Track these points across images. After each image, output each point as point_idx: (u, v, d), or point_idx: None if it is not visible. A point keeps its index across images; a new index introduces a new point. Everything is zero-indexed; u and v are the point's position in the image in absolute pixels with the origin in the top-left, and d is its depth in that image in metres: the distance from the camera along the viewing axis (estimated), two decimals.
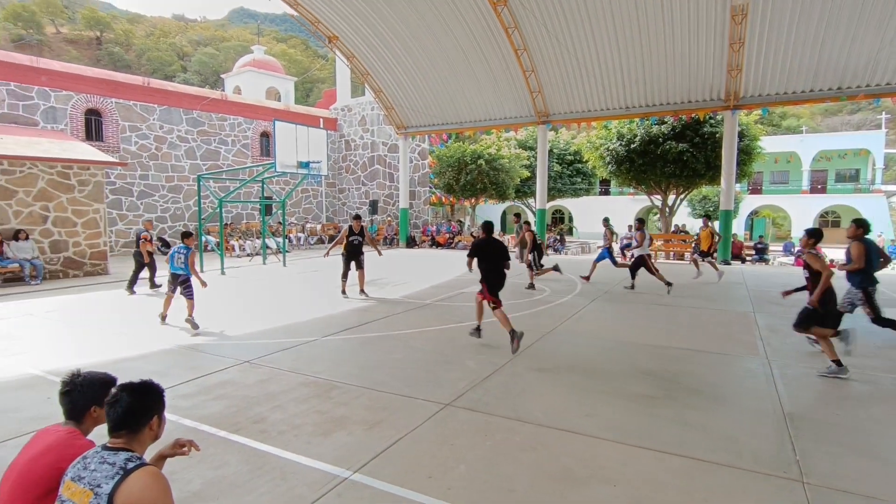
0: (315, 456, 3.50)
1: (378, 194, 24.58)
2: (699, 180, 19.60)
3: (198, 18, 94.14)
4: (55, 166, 11.99)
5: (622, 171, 20.34)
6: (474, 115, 19.69)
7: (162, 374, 5.16)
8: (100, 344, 6.47)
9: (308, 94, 59.24)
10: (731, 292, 10.55)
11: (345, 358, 5.90)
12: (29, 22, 55.25)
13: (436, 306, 8.92)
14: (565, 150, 31.38)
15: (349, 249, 9.71)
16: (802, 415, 4.26)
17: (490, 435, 3.85)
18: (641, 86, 15.97)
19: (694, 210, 31.29)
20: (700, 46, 14.28)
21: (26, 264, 11.17)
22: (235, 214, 21.57)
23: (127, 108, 17.93)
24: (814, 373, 5.35)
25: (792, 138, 39.82)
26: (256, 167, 18.11)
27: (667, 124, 18.75)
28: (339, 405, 4.42)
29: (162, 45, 65.30)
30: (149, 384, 2.00)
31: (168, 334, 6.92)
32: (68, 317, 8.07)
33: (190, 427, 3.96)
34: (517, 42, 15.76)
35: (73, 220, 12.35)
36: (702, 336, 6.88)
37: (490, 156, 24.52)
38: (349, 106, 25.23)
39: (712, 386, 4.94)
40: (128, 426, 1.88)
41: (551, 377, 5.20)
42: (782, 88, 14.63)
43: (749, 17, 13.13)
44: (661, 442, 3.73)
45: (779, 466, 3.39)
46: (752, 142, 19.41)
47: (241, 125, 21.56)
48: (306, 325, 7.52)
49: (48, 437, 2.05)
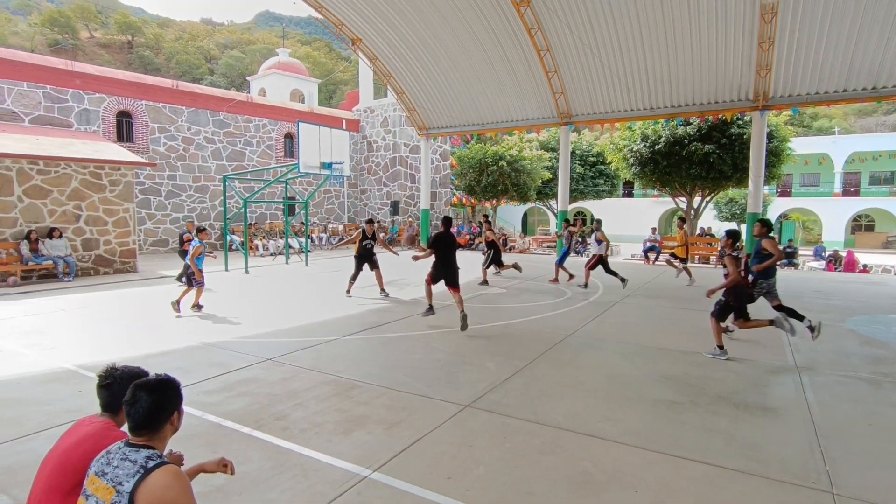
0: (336, 454, 3.54)
1: (399, 195, 24.70)
2: (726, 182, 19.19)
3: (225, 22, 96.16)
4: (88, 166, 12.37)
5: (646, 172, 20.04)
6: (496, 117, 19.64)
7: (186, 371, 5.28)
8: (128, 340, 6.65)
9: (331, 95, 59.92)
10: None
11: (365, 357, 5.94)
12: (64, 27, 57.15)
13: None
14: (588, 152, 31.06)
15: (361, 253, 9.90)
16: (833, 423, 4.14)
17: (509, 437, 3.83)
18: (667, 86, 15.71)
19: (720, 213, 30.67)
20: (728, 46, 13.98)
21: (60, 262, 11.55)
22: (259, 214, 21.92)
23: (156, 109, 18.39)
24: (845, 381, 5.19)
25: (824, 139, 38.71)
26: (280, 168, 18.38)
27: (693, 125, 18.41)
28: (360, 404, 4.46)
29: (190, 49, 66.85)
30: (165, 380, 1.97)
31: (192, 331, 7.07)
32: (99, 313, 8.32)
33: (214, 423, 4.04)
34: (540, 43, 15.67)
35: (105, 219, 12.72)
36: (728, 341, 6.73)
37: (512, 157, 24.42)
38: (371, 107, 25.42)
39: (738, 393, 4.83)
40: (149, 426, 1.87)
41: (572, 380, 5.15)
42: (814, 88, 14.22)
43: (779, 16, 12.80)
44: (684, 448, 3.67)
45: (808, 476, 3.30)
46: (781, 143, 18.93)
47: (265, 126, 21.91)
48: (327, 324, 7.60)
49: (84, 428, 2.12)
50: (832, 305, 9.34)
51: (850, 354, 6.17)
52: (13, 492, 3.05)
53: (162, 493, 1.72)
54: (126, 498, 1.70)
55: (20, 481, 3.13)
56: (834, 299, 10.02)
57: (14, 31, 54.30)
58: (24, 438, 3.77)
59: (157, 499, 1.71)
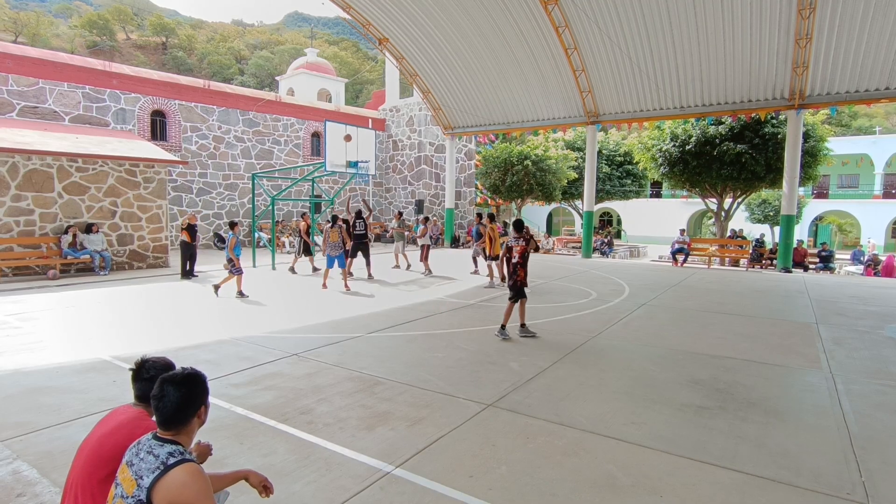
0: (359, 449, 3.58)
1: (424, 194, 24.78)
2: (758, 183, 18.66)
3: (255, 23, 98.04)
4: (123, 164, 12.78)
5: (675, 173, 19.64)
6: (522, 116, 19.53)
7: (215, 364, 5.41)
8: (160, 332, 6.84)
9: (358, 95, 60.46)
10: (792, 302, 10.00)
11: (389, 354, 5.98)
12: (103, 29, 59.05)
13: (480, 307, 8.91)
14: (615, 151, 30.58)
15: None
16: (870, 434, 3.99)
17: (532, 438, 3.81)
18: (698, 85, 15.37)
19: (752, 215, 29.85)
20: (763, 43, 13.60)
21: (96, 256, 11.96)
22: (286, 212, 22.28)
23: (188, 109, 18.86)
24: (884, 389, 5.00)
25: (863, 139, 37.24)
26: (307, 166, 18.65)
27: (724, 125, 17.96)
28: (383, 401, 4.50)
29: (221, 49, 68.30)
30: (192, 374, 1.96)
31: (222, 325, 7.23)
32: (133, 306, 8.59)
33: (241, 415, 4.13)
34: (567, 41, 15.52)
35: (139, 216, 13.12)
36: (759, 346, 6.55)
37: (537, 157, 24.23)
38: (397, 107, 25.57)
39: (769, 399, 4.70)
40: (177, 421, 1.88)
41: (596, 382, 5.09)
42: (853, 87, 13.72)
43: (817, 11, 12.39)
44: (712, 454, 3.59)
45: (842, 487, 3.19)
46: (818, 143, 18.31)
47: (293, 125, 22.25)
48: (352, 320, 7.68)
49: (119, 417, 2.18)
50: (870, 311, 9.00)
51: (890, 362, 5.93)
52: (53, 475, 3.18)
53: (178, 492, 1.73)
54: (145, 492, 1.73)
55: (59, 465, 3.26)
56: (872, 305, 9.65)
57: (55, 34, 56.41)
58: (62, 425, 3.92)
59: (173, 497, 1.72)
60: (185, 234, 11.69)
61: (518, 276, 6.77)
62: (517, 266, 6.77)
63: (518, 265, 6.76)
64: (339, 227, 10.75)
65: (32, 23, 53.13)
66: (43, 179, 11.57)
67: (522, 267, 6.78)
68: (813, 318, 8.31)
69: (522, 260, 6.78)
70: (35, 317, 7.59)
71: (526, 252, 6.82)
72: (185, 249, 11.68)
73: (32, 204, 11.48)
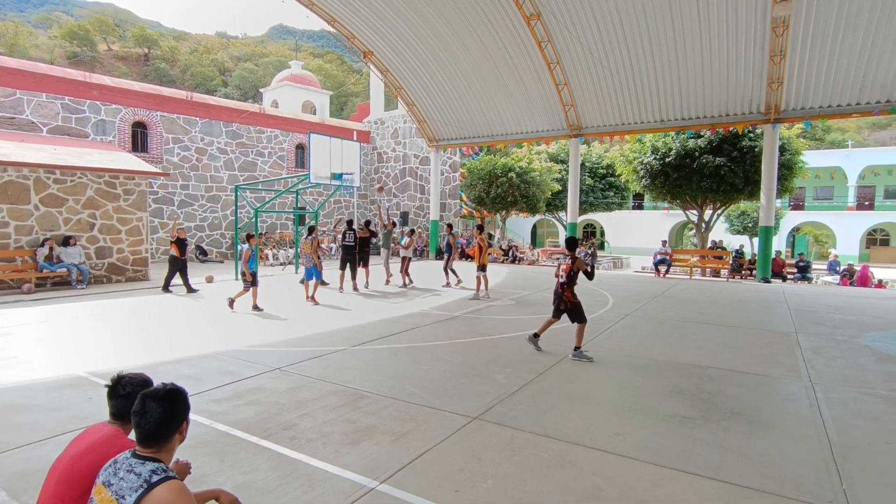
0: (343, 465, 3.52)
1: (409, 206, 24.79)
2: (737, 195, 19.05)
3: (239, 35, 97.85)
4: (103, 176, 12.57)
5: (656, 185, 19.97)
6: (506, 129, 19.73)
7: (196, 379, 5.30)
8: (139, 347, 6.69)
9: (342, 107, 60.57)
10: (771, 312, 10.17)
11: (374, 368, 5.93)
12: (83, 40, 58.46)
13: (464, 318, 8.89)
14: (597, 164, 31.04)
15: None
16: (850, 442, 4.05)
17: (518, 450, 3.79)
18: (677, 99, 15.71)
19: (732, 226, 30.42)
20: (739, 59, 13.98)
21: (73, 269, 11.70)
22: (270, 224, 22.10)
23: (171, 120, 18.69)
24: (862, 398, 5.09)
25: (837, 153, 38.37)
26: (291, 178, 18.55)
27: (703, 138, 18.35)
28: (368, 415, 4.44)
29: (205, 61, 68.02)
30: (175, 390, 1.93)
31: (203, 339, 7.10)
32: (110, 320, 8.39)
33: (222, 431, 4.04)
34: (550, 56, 15.77)
35: (118, 228, 12.89)
36: (741, 356, 6.63)
37: (521, 169, 24.46)
38: (382, 119, 25.65)
39: (751, 409, 4.75)
40: (158, 438, 1.85)
41: (581, 394, 5.10)
42: (826, 101, 14.15)
43: (791, 29, 12.79)
44: (696, 465, 3.60)
45: (823, 496, 3.23)
46: (793, 156, 18.79)
47: (277, 137, 22.17)
48: (336, 333, 7.61)
49: (94, 435, 2.12)
50: (847, 321, 9.20)
51: (867, 371, 6.05)
52: (23, 498, 3.06)
53: None
54: None
55: (30, 487, 3.15)
56: (849, 314, 9.86)
57: (34, 45, 55.66)
58: (34, 444, 3.79)
59: None
60: (175, 248, 11.43)
61: (564, 296, 6.42)
62: (563, 286, 6.45)
63: (564, 285, 6.41)
64: (313, 239, 10.79)
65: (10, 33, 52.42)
66: (19, 191, 11.33)
67: (569, 287, 6.40)
68: (792, 328, 8.45)
69: (568, 280, 6.40)
70: (9, 332, 7.37)
71: (572, 271, 6.39)
72: (174, 263, 11.44)
73: (7, 216, 11.22)
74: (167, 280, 11.47)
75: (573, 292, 6.47)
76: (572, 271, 6.41)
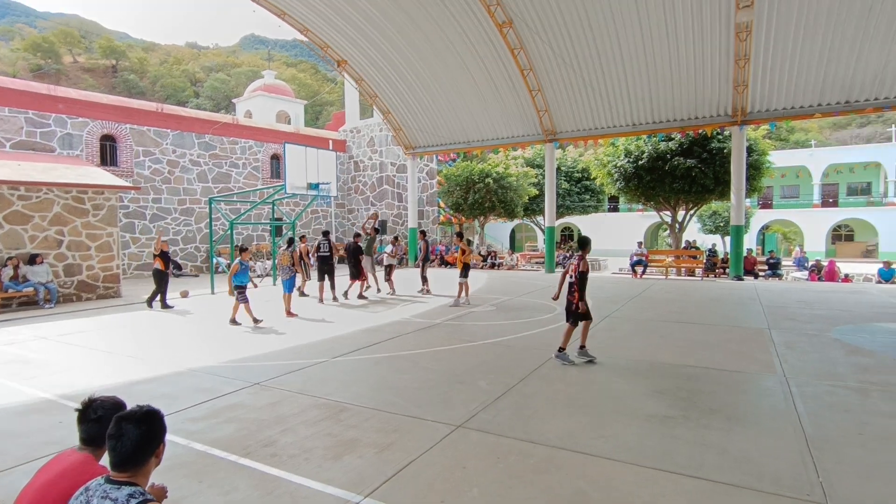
0: (326, 480, 3.46)
1: (387, 214, 24.71)
2: (708, 196, 19.50)
3: (210, 45, 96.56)
4: (70, 191, 12.22)
5: (630, 187, 20.31)
6: (482, 135, 19.85)
7: (172, 398, 5.17)
8: (111, 367, 6.49)
9: (317, 116, 60.20)
10: (745, 309, 10.40)
11: (355, 379, 5.86)
12: (48, 52, 56.94)
13: (445, 326, 8.88)
14: (573, 168, 31.44)
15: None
16: (824, 434, 4.15)
17: (503, 457, 3.78)
18: (648, 103, 16.04)
19: (704, 226, 31.10)
20: (705, 63, 14.35)
21: (41, 288, 11.32)
22: (246, 236, 21.76)
23: (141, 133, 18.30)
24: (834, 390, 5.23)
25: (801, 152, 39.65)
26: (267, 189, 18.32)
27: (674, 140, 18.75)
28: (350, 427, 4.38)
29: (175, 72, 66.91)
30: (151, 412, 1.89)
31: (178, 357, 6.93)
32: (80, 340, 8.13)
33: (200, 451, 3.94)
34: (523, 62, 15.95)
35: (87, 244, 12.53)
36: (717, 354, 6.76)
37: (498, 174, 24.62)
38: (358, 128, 25.57)
39: (729, 405, 4.84)
40: (135, 461, 1.80)
41: (563, 397, 5.12)
42: (789, 103, 14.62)
43: (753, 34, 13.20)
44: (678, 464, 3.65)
45: (801, 489, 3.30)
46: (760, 157, 19.33)
47: (251, 148, 21.89)
48: (316, 345, 7.51)
49: (63, 462, 2.04)
50: (817, 315, 9.46)
51: (837, 364, 6.23)
52: None
53: None
54: None
55: None
56: (818, 309, 10.15)
57: None
58: (1, 473, 3.63)
59: None
60: (159, 262, 11.16)
61: (573, 297, 6.34)
62: (571, 287, 6.38)
63: (572, 285, 6.33)
64: (291, 251, 10.72)
65: None
66: None
67: (579, 289, 6.29)
68: (765, 324, 8.66)
69: (579, 280, 6.27)
70: None
71: (579, 271, 6.27)
72: (159, 278, 11.16)
73: None
74: (162, 295, 11.20)
75: (583, 296, 6.31)
76: (579, 271, 6.32)
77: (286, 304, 10.13)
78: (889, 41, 12.39)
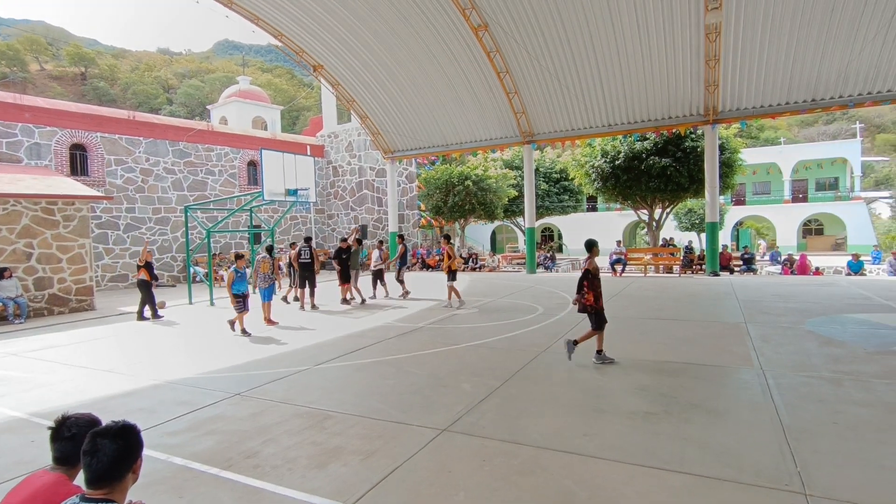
0: (310, 490, 3.41)
1: (367, 219, 24.59)
2: (684, 194, 19.87)
3: (183, 51, 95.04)
4: (39, 202, 11.88)
5: (608, 187, 20.59)
6: (460, 137, 19.91)
7: (150, 412, 5.05)
8: (86, 382, 6.31)
9: (294, 122, 59.65)
10: (722, 304, 10.61)
11: (338, 386, 5.80)
12: (13, 60, 55.33)
13: (428, 329, 8.86)
14: (551, 169, 31.74)
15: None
16: (800, 424, 4.25)
17: (488, 460, 3.78)
18: (622, 103, 16.29)
19: (680, 223, 31.66)
20: (677, 64, 14.65)
21: (10, 303, 10.96)
22: (224, 244, 21.42)
23: (112, 141, 17.89)
24: (809, 381, 5.36)
25: (771, 150, 40.67)
26: (244, 196, 18.07)
27: (649, 140, 19.07)
28: (334, 435, 4.33)
29: (147, 79, 65.65)
30: (127, 426, 1.85)
31: (155, 369, 6.77)
32: (54, 355, 7.89)
33: (180, 466, 3.85)
34: (499, 65, 16.06)
35: (59, 256, 12.18)
36: (696, 349, 6.88)
37: (477, 177, 24.72)
38: (335, 132, 25.41)
39: (709, 399, 4.92)
40: (112, 477, 1.76)
41: (547, 397, 5.15)
42: (758, 102, 15.00)
43: (722, 36, 13.52)
44: (662, 459, 3.69)
45: (780, 479, 3.37)
46: (732, 154, 19.78)
47: (227, 155, 21.58)
48: (298, 353, 7.42)
49: (35, 483, 1.96)
50: (791, 308, 9.70)
51: (811, 355, 6.39)
52: None
53: None
54: None
55: None
56: (792, 302, 10.41)
57: None
58: None
59: None
60: (144, 273, 10.91)
61: (586, 299, 6.27)
62: (581, 287, 6.33)
63: (586, 287, 6.27)
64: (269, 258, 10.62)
65: None
66: None
67: (591, 290, 6.24)
68: (742, 318, 8.84)
69: (588, 281, 6.24)
70: None
71: (588, 271, 6.24)
72: (145, 288, 10.92)
73: None
74: (151, 305, 11.00)
75: (596, 296, 6.30)
76: (588, 271, 6.33)
77: (265, 313, 9.97)
78: (851, 41, 12.82)
